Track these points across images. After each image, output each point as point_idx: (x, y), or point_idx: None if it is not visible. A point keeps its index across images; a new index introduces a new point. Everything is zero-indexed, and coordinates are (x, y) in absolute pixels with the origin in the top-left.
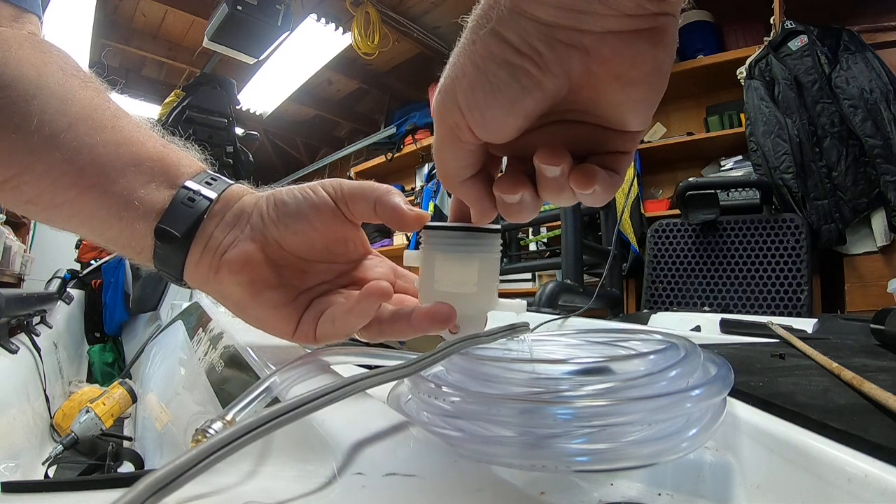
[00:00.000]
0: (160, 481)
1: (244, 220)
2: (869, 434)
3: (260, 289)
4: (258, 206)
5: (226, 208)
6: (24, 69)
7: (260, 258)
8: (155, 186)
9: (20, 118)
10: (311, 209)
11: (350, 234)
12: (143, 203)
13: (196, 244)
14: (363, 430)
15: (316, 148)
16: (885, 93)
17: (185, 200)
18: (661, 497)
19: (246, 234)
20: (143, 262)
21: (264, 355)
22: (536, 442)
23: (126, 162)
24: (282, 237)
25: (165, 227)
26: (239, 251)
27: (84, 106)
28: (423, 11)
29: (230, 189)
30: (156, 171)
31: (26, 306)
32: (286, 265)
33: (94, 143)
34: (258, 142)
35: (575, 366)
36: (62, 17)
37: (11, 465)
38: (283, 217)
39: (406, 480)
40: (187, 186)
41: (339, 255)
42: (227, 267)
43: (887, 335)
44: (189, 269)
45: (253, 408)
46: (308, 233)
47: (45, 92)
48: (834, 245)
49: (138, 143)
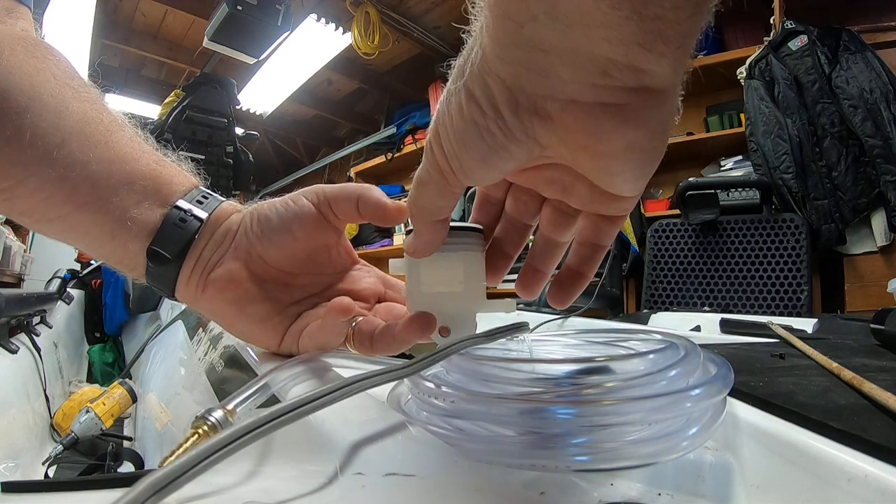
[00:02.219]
0: (160, 481)
1: (230, 239)
2: (869, 434)
3: (244, 304)
4: (243, 223)
5: (214, 227)
6: (17, 79)
7: (244, 275)
8: (147, 206)
9: (12, 131)
10: (293, 219)
11: (333, 242)
12: (135, 223)
13: (186, 264)
14: (363, 430)
15: (316, 148)
16: (885, 93)
17: (176, 221)
18: (661, 497)
19: (230, 252)
20: (136, 277)
21: (264, 355)
22: (536, 442)
23: (119, 180)
24: (265, 252)
25: (157, 248)
26: (223, 270)
27: (77, 120)
28: (423, 11)
29: (220, 207)
30: (148, 189)
31: (26, 306)
32: (271, 280)
33: (86, 160)
34: (258, 142)
35: (575, 366)
36: (62, 18)
37: (11, 465)
38: (266, 232)
39: (406, 480)
40: (179, 206)
41: (323, 266)
42: (213, 285)
43: (887, 335)
44: (180, 287)
45: (254, 400)
46: (291, 244)
47: (37, 104)
48: (834, 245)
49: (132, 160)
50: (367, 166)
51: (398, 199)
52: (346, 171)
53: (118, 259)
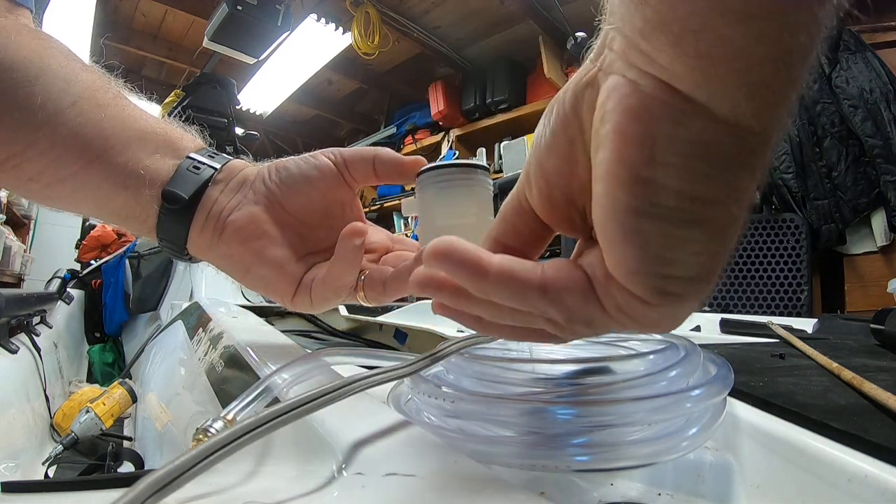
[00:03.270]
0: (160, 481)
1: (247, 186)
2: (869, 434)
3: (265, 245)
4: (260, 173)
5: (229, 177)
6: (25, 52)
7: (265, 217)
8: (160, 157)
9: (24, 98)
10: (313, 170)
11: (347, 199)
12: (148, 171)
13: (200, 210)
14: (363, 430)
15: (316, 148)
16: (885, 93)
17: (190, 168)
18: (661, 497)
19: (250, 197)
20: (145, 232)
21: (264, 355)
22: (536, 442)
23: (131, 135)
24: (285, 198)
25: (173, 189)
26: (244, 212)
27: (87, 87)
28: (423, 11)
29: (232, 161)
30: (160, 143)
31: (26, 306)
32: (289, 227)
33: (98, 118)
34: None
35: (575, 366)
36: (62, 17)
37: (11, 465)
38: (285, 179)
39: (406, 480)
40: (191, 157)
41: (337, 221)
42: (232, 226)
43: (887, 335)
44: (193, 236)
45: (253, 407)
46: (310, 193)
47: (48, 73)
48: (834, 245)
49: (142, 119)
50: None
51: (398, 200)
52: None
53: (129, 211)
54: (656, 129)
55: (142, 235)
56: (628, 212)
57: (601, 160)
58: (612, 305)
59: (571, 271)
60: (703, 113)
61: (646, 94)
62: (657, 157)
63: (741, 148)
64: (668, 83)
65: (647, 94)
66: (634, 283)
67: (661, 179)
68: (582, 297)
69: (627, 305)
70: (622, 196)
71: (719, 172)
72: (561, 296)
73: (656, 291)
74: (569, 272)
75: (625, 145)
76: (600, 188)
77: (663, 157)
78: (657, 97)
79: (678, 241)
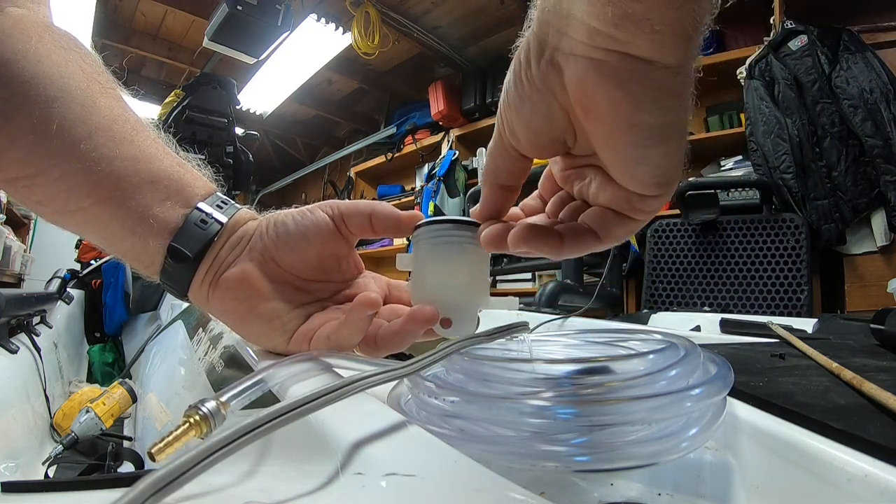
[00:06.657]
0: (160, 481)
1: (245, 241)
2: (869, 434)
3: (254, 303)
4: (259, 228)
5: (232, 231)
6: (45, 67)
7: (256, 275)
8: (170, 205)
9: (39, 119)
10: (310, 226)
11: (344, 253)
12: (157, 221)
13: (203, 264)
14: (363, 430)
15: (316, 148)
16: (885, 93)
17: (197, 222)
18: (661, 497)
19: (244, 254)
20: (149, 275)
21: (264, 355)
22: (536, 442)
23: (143, 178)
24: (279, 255)
25: (179, 246)
26: (236, 269)
27: (105, 116)
28: (423, 11)
29: (238, 213)
30: (171, 189)
31: (26, 306)
32: (282, 282)
33: (113, 156)
34: (258, 142)
35: (575, 366)
36: (62, 17)
37: (11, 465)
38: (281, 235)
39: (406, 480)
40: (200, 208)
41: (333, 274)
42: (225, 284)
43: (887, 335)
44: (194, 287)
45: (247, 395)
46: (305, 249)
47: (66, 96)
48: (834, 245)
49: (156, 159)
50: (366, 166)
51: (398, 200)
52: (346, 171)
53: (135, 255)
54: (633, 87)
55: (145, 276)
56: (634, 146)
57: (602, 118)
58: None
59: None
60: (658, 66)
61: (616, 66)
62: (640, 105)
63: (682, 80)
64: (633, 54)
65: (616, 66)
66: (648, 188)
67: (647, 119)
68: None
69: (641, 203)
70: (627, 138)
71: (676, 100)
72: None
73: (660, 187)
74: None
75: (616, 105)
76: (608, 138)
77: (643, 104)
78: (624, 66)
79: (666, 152)
